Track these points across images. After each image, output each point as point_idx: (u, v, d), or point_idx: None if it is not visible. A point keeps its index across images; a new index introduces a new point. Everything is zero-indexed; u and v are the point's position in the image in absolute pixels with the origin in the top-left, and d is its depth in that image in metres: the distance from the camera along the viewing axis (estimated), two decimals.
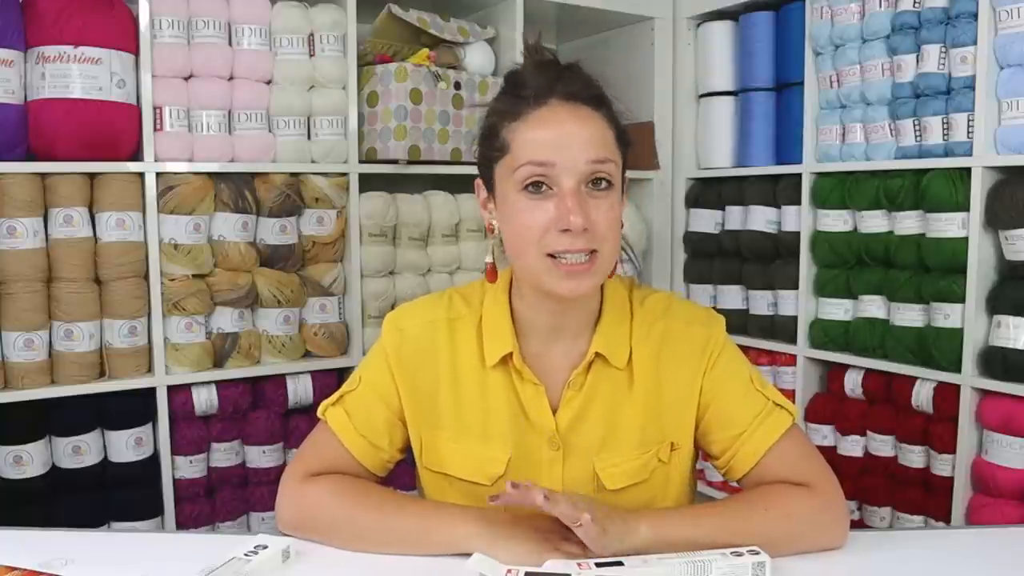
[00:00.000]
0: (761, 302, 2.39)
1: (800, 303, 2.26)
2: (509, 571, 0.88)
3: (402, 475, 1.21)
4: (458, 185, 2.30)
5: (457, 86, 2.17)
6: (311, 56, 2.03)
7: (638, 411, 1.07)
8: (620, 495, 1.06)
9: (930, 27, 1.91)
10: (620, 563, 0.91)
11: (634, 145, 1.08)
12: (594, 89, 1.02)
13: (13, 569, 0.92)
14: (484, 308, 1.10)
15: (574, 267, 0.97)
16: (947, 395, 1.91)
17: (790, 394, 2.33)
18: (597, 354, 1.07)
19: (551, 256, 0.98)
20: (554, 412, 1.07)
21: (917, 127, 1.96)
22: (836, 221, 2.15)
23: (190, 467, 1.98)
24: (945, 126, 1.90)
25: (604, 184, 0.99)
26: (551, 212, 0.97)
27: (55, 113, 1.74)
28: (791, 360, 2.31)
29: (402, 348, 1.11)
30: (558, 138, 0.97)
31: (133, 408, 1.90)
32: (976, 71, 1.82)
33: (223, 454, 2.02)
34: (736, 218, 2.44)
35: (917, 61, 1.94)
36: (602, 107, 1.01)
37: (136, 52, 1.84)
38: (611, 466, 1.05)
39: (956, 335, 1.89)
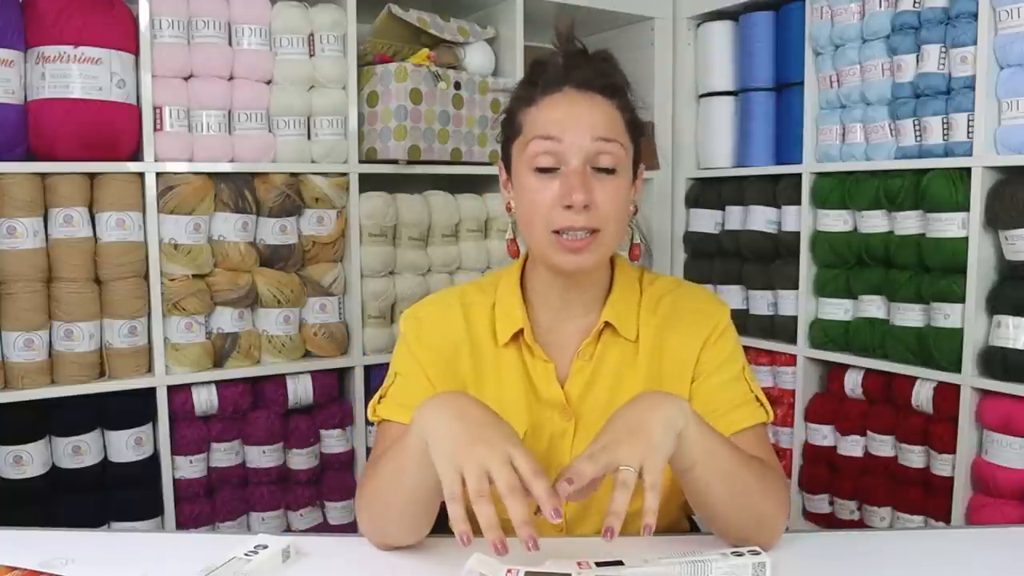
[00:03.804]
0: (761, 302, 2.39)
1: (800, 303, 2.26)
2: (509, 571, 0.88)
3: None
4: (458, 185, 2.30)
5: (457, 86, 2.17)
6: (311, 56, 2.03)
7: (641, 379, 1.09)
8: None
9: (930, 27, 1.91)
10: (620, 563, 0.91)
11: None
12: (608, 78, 1.06)
13: (13, 569, 0.92)
14: (498, 293, 1.14)
15: (575, 243, 1.02)
16: (947, 395, 1.92)
17: (790, 394, 2.33)
18: (607, 324, 1.10)
19: (556, 233, 1.02)
20: (563, 385, 1.09)
21: (917, 127, 1.96)
22: (836, 221, 2.15)
23: (190, 467, 1.98)
24: (945, 126, 1.90)
25: (611, 169, 1.03)
26: (557, 191, 1.02)
27: (55, 113, 1.74)
28: (791, 360, 2.31)
29: (421, 334, 1.14)
30: (566, 118, 1.03)
31: (133, 408, 1.90)
32: (976, 71, 1.82)
33: (223, 454, 2.02)
34: (736, 218, 2.44)
35: (917, 61, 1.94)
36: (615, 96, 1.06)
37: (136, 52, 1.84)
38: None
39: (956, 335, 1.89)
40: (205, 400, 1.97)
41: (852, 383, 2.15)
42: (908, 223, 1.99)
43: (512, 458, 0.85)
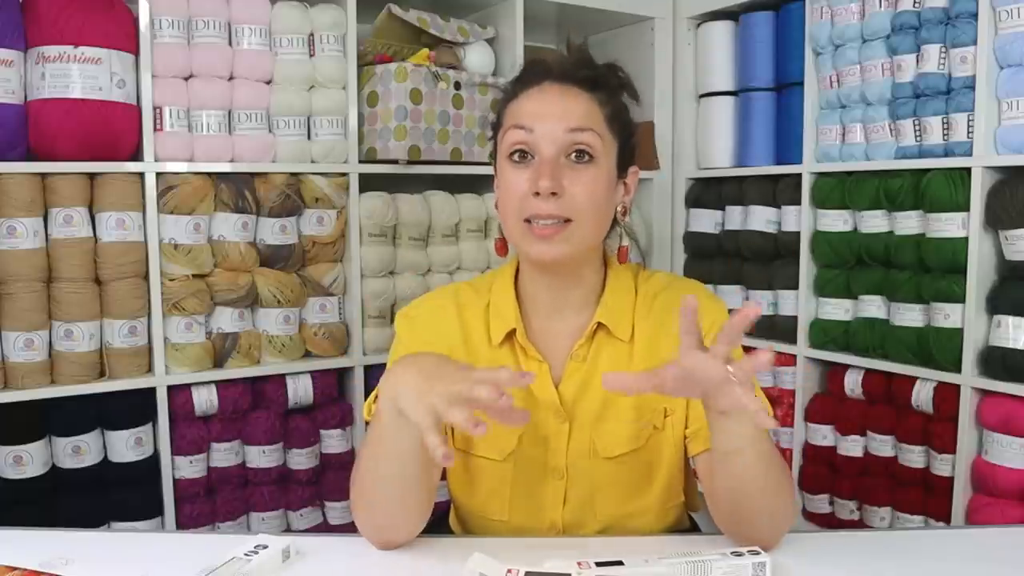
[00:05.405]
0: (761, 302, 2.39)
1: (800, 303, 2.26)
2: (509, 571, 0.88)
3: None
4: (458, 185, 2.30)
5: (457, 86, 2.17)
6: (311, 56, 2.03)
7: None
8: (616, 462, 1.08)
9: (930, 27, 1.91)
10: (620, 563, 0.91)
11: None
12: (590, 71, 1.07)
13: (13, 569, 0.92)
14: (492, 293, 1.14)
15: (544, 231, 1.02)
16: (947, 395, 1.92)
17: (790, 394, 2.33)
18: (600, 324, 1.09)
19: (527, 221, 1.03)
20: (557, 386, 1.09)
21: (917, 127, 1.96)
22: (836, 221, 2.15)
23: (190, 467, 1.97)
24: (945, 126, 1.90)
25: (586, 157, 1.03)
26: (529, 179, 1.03)
27: (55, 113, 1.74)
28: (791, 360, 2.31)
29: (414, 333, 1.14)
30: (540, 108, 1.05)
31: (133, 408, 1.90)
32: (976, 71, 1.82)
33: (223, 454, 2.02)
34: (736, 218, 2.44)
35: (917, 61, 1.94)
36: (596, 89, 1.07)
37: (136, 52, 1.84)
38: (607, 434, 1.08)
39: (956, 335, 1.89)
40: (205, 400, 1.97)
41: (852, 383, 2.15)
42: (908, 223, 1.99)
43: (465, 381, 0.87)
